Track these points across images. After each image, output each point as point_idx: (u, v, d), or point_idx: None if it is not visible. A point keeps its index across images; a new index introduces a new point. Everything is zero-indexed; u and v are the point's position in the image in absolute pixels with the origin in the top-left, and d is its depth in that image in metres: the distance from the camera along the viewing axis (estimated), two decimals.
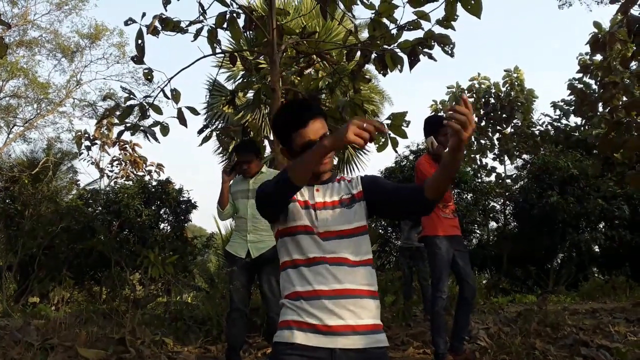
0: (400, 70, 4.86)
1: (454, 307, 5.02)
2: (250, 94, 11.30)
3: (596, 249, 13.07)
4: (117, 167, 13.85)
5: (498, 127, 15.71)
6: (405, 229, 7.82)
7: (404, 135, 4.84)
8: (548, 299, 9.21)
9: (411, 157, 13.36)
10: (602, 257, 13.32)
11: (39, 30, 19.98)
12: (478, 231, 14.38)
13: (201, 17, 5.24)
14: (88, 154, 13.52)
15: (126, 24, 4.96)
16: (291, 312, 1.81)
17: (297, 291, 1.82)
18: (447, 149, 1.67)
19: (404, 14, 4.34)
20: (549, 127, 15.83)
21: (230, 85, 13.12)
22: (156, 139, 5.32)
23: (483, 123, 15.76)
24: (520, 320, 6.13)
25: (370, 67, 7.55)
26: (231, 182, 4.73)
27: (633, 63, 8.12)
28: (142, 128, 5.35)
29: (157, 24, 5.04)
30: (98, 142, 13.59)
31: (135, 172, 13.59)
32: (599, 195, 11.94)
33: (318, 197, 1.95)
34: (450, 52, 4.65)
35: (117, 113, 5.43)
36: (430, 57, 4.72)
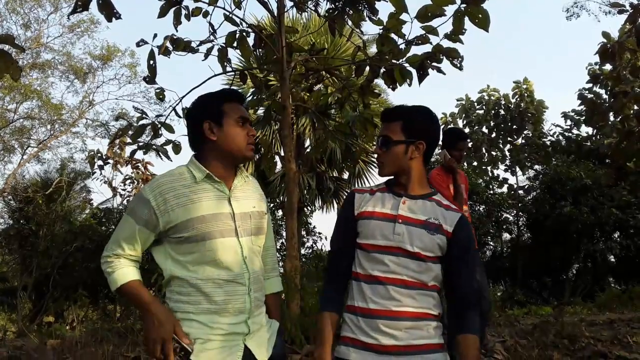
0: (410, 85, 4.89)
1: None
2: (260, 111, 11.40)
3: (612, 258, 12.96)
4: (129, 185, 13.93)
5: (509, 139, 15.72)
6: None
7: None
8: (564, 311, 9.10)
9: None
10: (618, 267, 13.19)
11: (51, 52, 20.27)
12: (492, 243, 14.31)
13: (211, 37, 5.32)
14: (101, 173, 13.61)
15: (138, 45, 5.04)
16: (347, 327, 1.84)
17: (355, 306, 1.83)
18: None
19: (412, 28, 4.36)
20: (560, 137, 15.77)
21: None
22: (168, 157, 5.38)
23: (494, 135, 15.75)
24: (537, 332, 6.06)
25: (380, 82, 7.60)
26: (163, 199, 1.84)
27: None
28: (154, 147, 5.42)
29: (168, 44, 5.13)
30: (111, 161, 13.70)
31: None
32: (613, 204, 11.86)
33: (402, 209, 1.85)
34: (459, 65, 4.66)
35: (130, 132, 5.50)
36: (439, 70, 4.74)
